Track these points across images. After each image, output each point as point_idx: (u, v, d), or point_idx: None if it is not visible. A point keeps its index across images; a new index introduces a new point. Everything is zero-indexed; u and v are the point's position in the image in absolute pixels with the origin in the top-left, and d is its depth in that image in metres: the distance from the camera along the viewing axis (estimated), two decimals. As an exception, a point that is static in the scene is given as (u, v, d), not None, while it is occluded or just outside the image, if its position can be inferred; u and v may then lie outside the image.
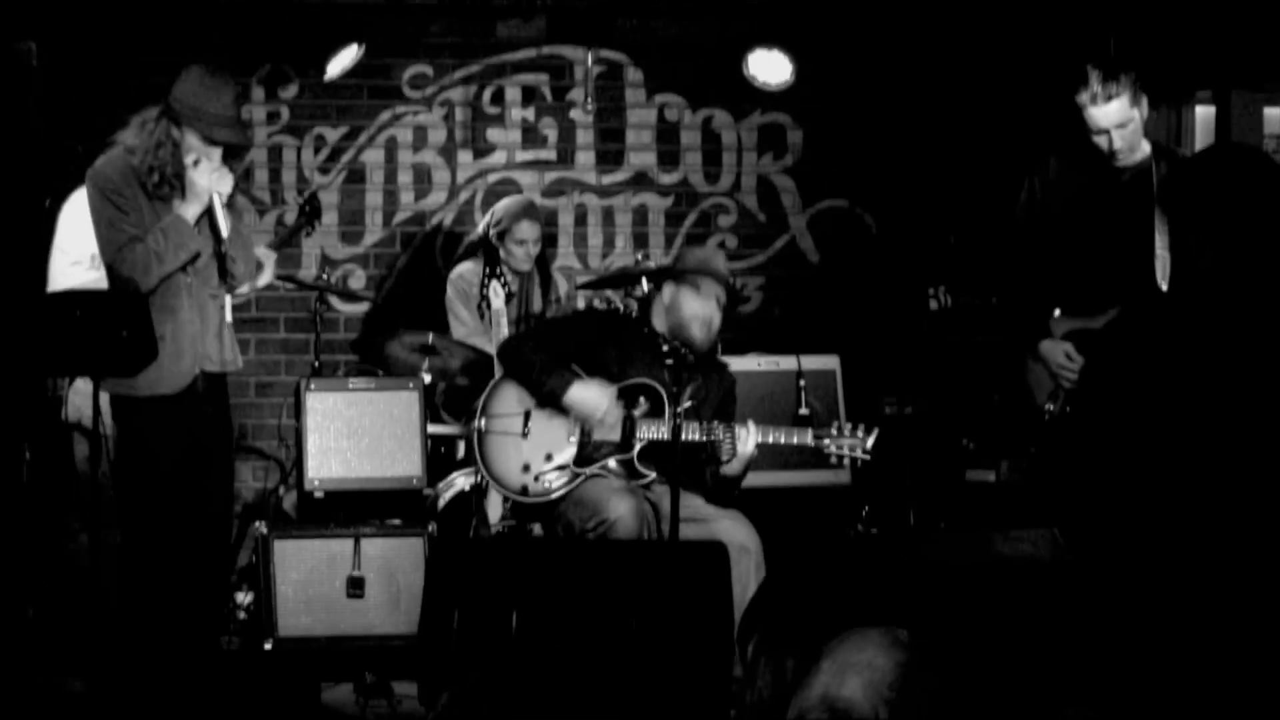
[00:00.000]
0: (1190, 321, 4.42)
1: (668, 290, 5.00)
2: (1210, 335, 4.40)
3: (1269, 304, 4.35)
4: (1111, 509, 4.56)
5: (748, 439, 4.76)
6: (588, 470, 4.85)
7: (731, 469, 4.84)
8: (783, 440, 4.82)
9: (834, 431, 4.78)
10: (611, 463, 4.87)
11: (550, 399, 4.86)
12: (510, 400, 4.95)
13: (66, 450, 5.12)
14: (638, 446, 4.84)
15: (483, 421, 4.93)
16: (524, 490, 4.88)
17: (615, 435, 4.87)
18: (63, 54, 6.28)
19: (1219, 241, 4.32)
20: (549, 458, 4.89)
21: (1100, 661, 3.68)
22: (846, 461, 4.80)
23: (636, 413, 4.85)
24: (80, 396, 4.84)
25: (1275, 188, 4.32)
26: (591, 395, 4.82)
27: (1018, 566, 3.90)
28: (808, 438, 4.80)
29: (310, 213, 5.53)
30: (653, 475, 4.84)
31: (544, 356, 4.89)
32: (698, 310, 4.91)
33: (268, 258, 4.94)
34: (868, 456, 4.77)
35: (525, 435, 4.91)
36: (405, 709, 4.70)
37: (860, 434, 4.75)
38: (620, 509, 4.62)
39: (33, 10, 6.08)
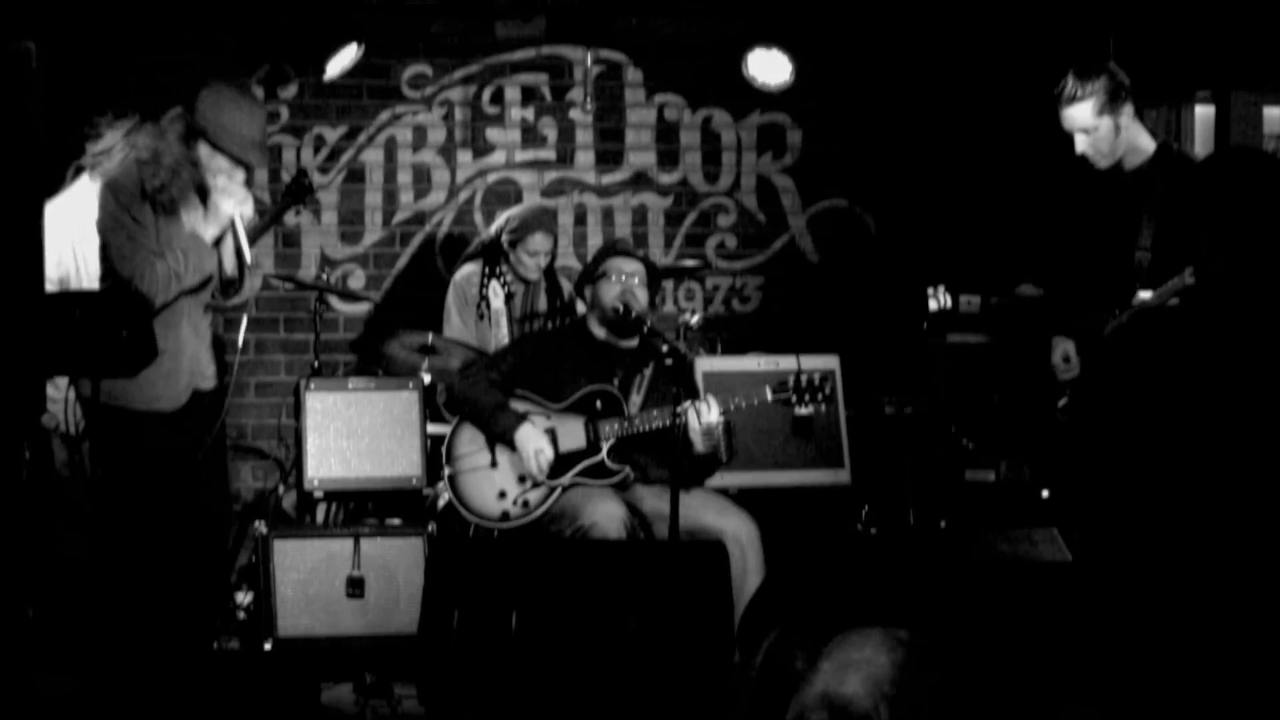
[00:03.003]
0: (1200, 324, 4.43)
1: (587, 292, 5.16)
2: (1220, 338, 4.40)
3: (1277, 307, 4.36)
4: (1114, 510, 4.57)
5: (708, 412, 4.81)
6: (563, 481, 4.89)
7: (700, 445, 4.88)
8: (743, 404, 4.89)
9: (791, 384, 4.84)
10: (582, 466, 4.94)
11: (503, 438, 4.95)
12: (473, 438, 5.02)
13: (45, 453, 5.10)
14: (605, 447, 4.90)
15: (451, 467, 5.00)
16: (505, 516, 4.92)
17: (580, 443, 4.92)
18: (63, 54, 6.27)
19: (1231, 245, 4.33)
20: (522, 479, 4.92)
21: (1100, 661, 3.68)
22: (810, 409, 4.85)
23: (600, 422, 4.94)
24: (54, 403, 4.83)
25: None
26: (530, 441, 4.89)
27: (1018, 566, 3.90)
28: (767, 395, 4.87)
29: (296, 190, 5.24)
30: (626, 470, 4.89)
31: (494, 398, 4.97)
32: (616, 291, 5.02)
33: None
34: (828, 400, 4.87)
35: (494, 465, 4.96)
36: (405, 709, 4.70)
37: (817, 380, 4.81)
38: (595, 513, 4.67)
39: (32, 10, 6.07)
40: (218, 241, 4.42)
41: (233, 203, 4.35)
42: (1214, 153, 5.91)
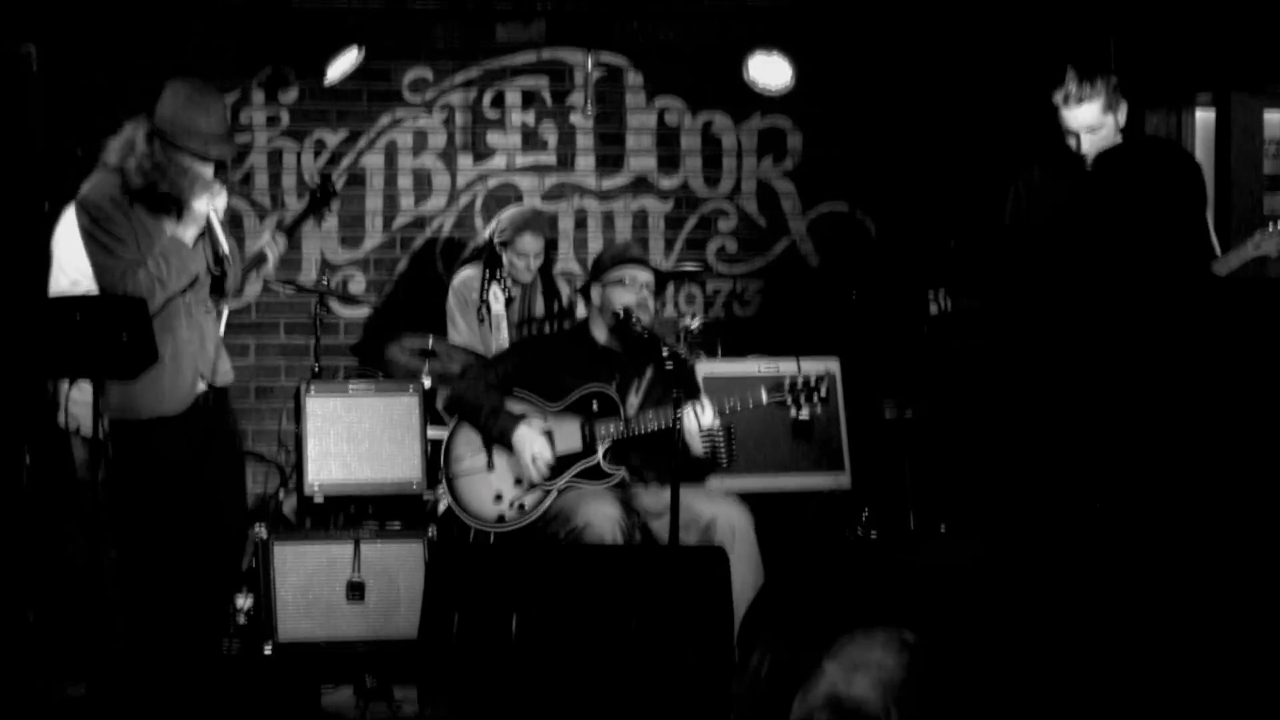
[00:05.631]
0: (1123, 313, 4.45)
1: (595, 293, 5.09)
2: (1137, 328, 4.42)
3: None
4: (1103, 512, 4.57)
5: (705, 415, 4.83)
6: (558, 484, 4.88)
7: (698, 448, 4.88)
8: (739, 407, 4.88)
9: (787, 385, 4.84)
10: (578, 468, 4.92)
11: (501, 440, 4.92)
12: (470, 440, 5.00)
13: (65, 455, 5.09)
14: (601, 449, 4.89)
15: (449, 469, 4.99)
16: (501, 519, 4.91)
17: (576, 444, 4.91)
18: (63, 57, 6.28)
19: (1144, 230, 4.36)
20: (518, 481, 4.91)
21: (1101, 661, 3.68)
22: (806, 414, 4.85)
23: (596, 424, 4.92)
24: (78, 405, 4.83)
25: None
26: (528, 444, 4.87)
27: (1021, 567, 3.89)
28: (762, 397, 4.86)
29: (322, 197, 5.39)
30: (622, 473, 4.89)
31: (492, 401, 4.95)
32: (631, 298, 4.97)
33: (272, 247, 4.89)
34: (824, 401, 4.86)
35: (491, 467, 4.95)
36: (405, 713, 4.70)
37: (813, 381, 4.82)
38: (587, 514, 4.66)
39: (33, 13, 6.08)
40: (200, 240, 4.40)
41: (205, 199, 4.32)
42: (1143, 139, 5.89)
